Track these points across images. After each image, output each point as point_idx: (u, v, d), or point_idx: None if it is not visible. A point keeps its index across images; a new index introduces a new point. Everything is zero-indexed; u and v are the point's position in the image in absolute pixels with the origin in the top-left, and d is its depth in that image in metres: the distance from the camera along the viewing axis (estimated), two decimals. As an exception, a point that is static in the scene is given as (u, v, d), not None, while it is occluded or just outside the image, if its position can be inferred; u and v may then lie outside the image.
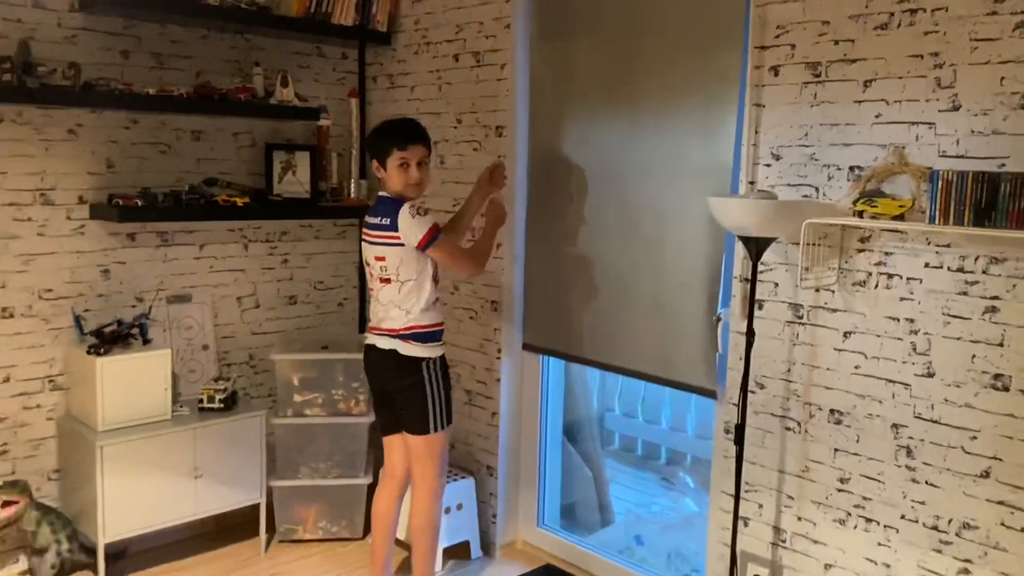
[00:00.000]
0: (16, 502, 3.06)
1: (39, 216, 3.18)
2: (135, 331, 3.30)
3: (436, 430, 2.93)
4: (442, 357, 2.96)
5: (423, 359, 2.89)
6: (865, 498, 2.51)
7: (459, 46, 3.53)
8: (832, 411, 2.56)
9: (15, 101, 3.00)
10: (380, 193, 2.95)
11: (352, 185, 3.89)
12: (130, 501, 3.14)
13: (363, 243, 2.96)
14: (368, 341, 2.98)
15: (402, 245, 2.81)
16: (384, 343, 2.91)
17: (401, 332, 2.87)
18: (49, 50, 3.11)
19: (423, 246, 2.79)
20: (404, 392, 2.92)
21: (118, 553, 3.39)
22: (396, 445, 3.06)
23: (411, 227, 2.78)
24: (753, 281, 2.54)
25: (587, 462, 3.98)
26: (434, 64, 3.65)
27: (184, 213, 3.36)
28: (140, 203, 3.24)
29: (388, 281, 2.87)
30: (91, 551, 3.17)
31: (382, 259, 2.86)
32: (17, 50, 2.98)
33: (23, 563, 3.23)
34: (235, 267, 3.74)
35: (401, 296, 2.85)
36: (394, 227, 2.80)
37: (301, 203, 3.70)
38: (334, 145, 3.90)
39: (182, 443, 3.26)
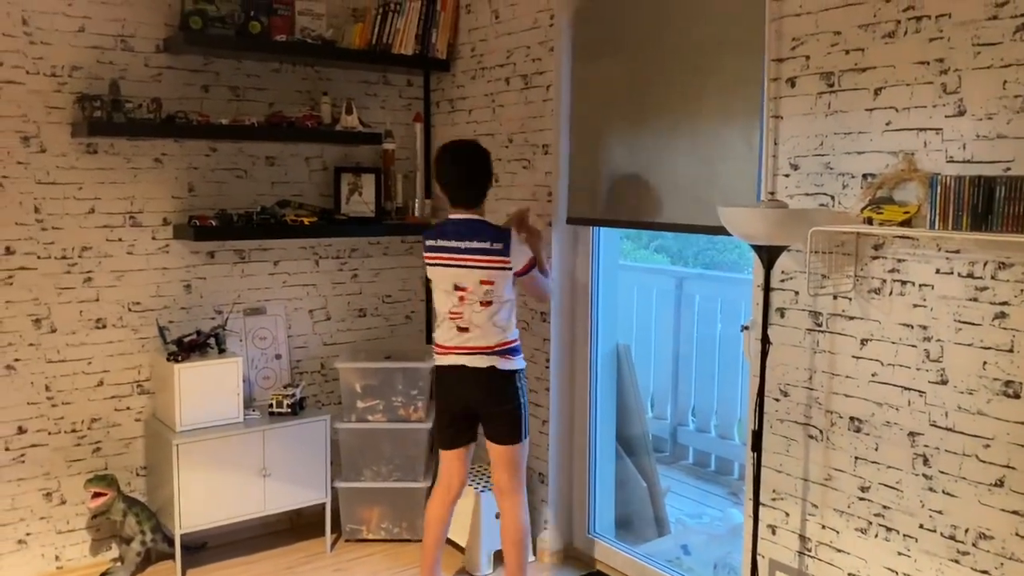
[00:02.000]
0: (105, 494, 3.39)
1: (128, 237, 3.54)
2: (212, 341, 3.60)
3: (526, 436, 3.10)
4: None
5: (517, 371, 3.05)
6: (885, 507, 2.49)
7: (509, 70, 3.71)
8: (852, 419, 2.56)
9: (107, 134, 3.37)
10: (470, 216, 3.06)
11: (416, 204, 4.12)
12: (204, 496, 3.43)
13: (456, 268, 3.00)
14: (449, 362, 3.05)
15: (509, 269, 2.99)
16: (479, 361, 3.01)
17: (497, 349, 3.01)
18: (137, 88, 3.47)
19: (523, 272, 3.01)
20: (501, 405, 3.04)
21: (199, 545, 3.69)
22: (460, 459, 3.19)
23: (518, 253, 2.99)
24: (767, 289, 2.57)
25: (642, 473, 4.03)
26: (488, 88, 3.83)
27: (255, 232, 3.66)
28: (215, 223, 3.55)
29: (489, 304, 2.99)
30: (172, 542, 3.47)
31: (490, 283, 2.98)
32: (108, 89, 3.34)
33: (115, 550, 3.58)
34: (307, 282, 4.01)
35: (501, 316, 3.01)
36: (507, 252, 2.97)
37: (365, 221, 3.95)
38: (400, 167, 4.14)
39: (252, 444, 3.53)
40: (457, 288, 3.01)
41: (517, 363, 3.06)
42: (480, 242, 2.98)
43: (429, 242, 3.08)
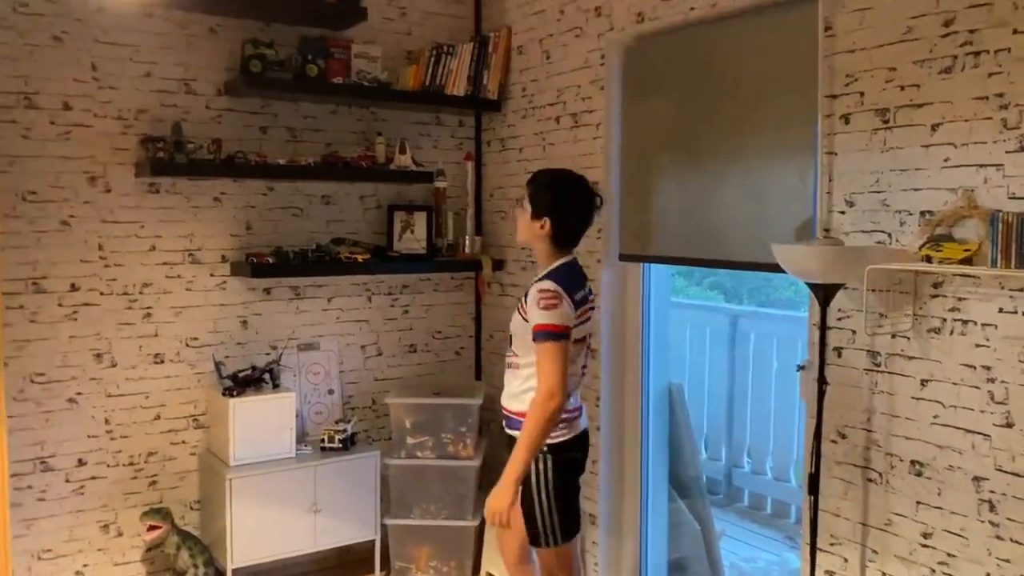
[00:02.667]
0: (160, 527, 3.44)
1: (187, 273, 3.63)
2: (266, 376, 3.66)
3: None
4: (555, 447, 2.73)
5: None
6: (949, 555, 2.40)
7: (560, 109, 3.73)
8: (913, 462, 2.48)
9: (169, 174, 3.47)
10: (568, 260, 2.74)
11: (467, 241, 4.15)
12: (255, 531, 3.45)
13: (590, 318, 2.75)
14: (583, 427, 2.81)
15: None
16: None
17: None
18: (198, 129, 3.58)
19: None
20: None
21: (250, 580, 3.72)
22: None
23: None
24: (823, 327, 2.52)
25: (695, 515, 3.95)
26: (538, 127, 3.87)
27: (310, 269, 3.72)
28: (271, 260, 3.62)
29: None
30: None
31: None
32: (171, 131, 3.45)
33: (168, 583, 3.62)
34: (360, 318, 4.06)
35: None
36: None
37: (417, 258, 3.99)
38: (452, 205, 4.18)
39: (303, 479, 3.55)
40: (587, 339, 2.77)
41: None
42: (587, 279, 2.77)
43: (576, 295, 2.62)
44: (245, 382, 3.57)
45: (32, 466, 3.34)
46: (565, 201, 2.69)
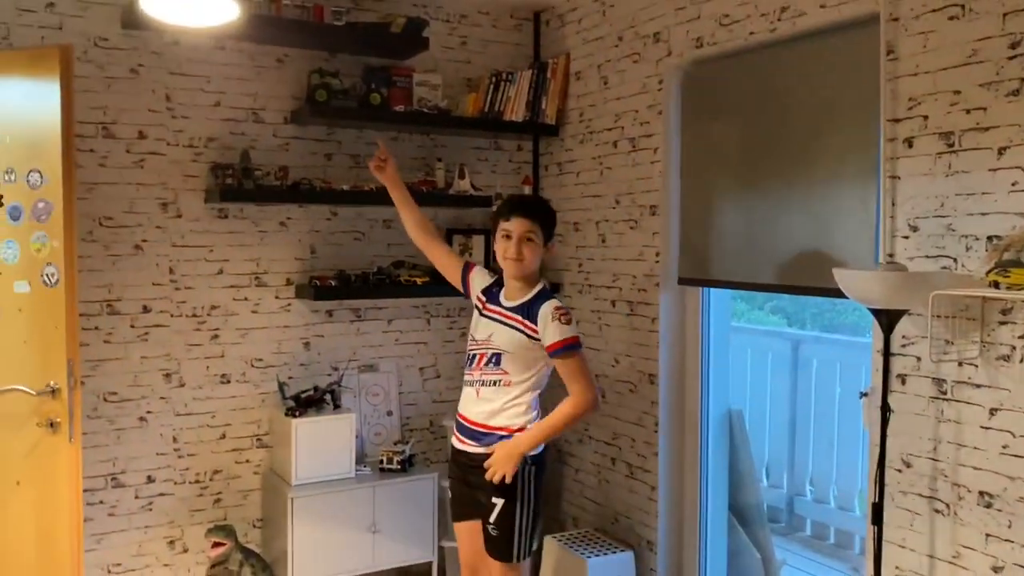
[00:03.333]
0: (224, 544, 3.52)
1: (253, 296, 3.73)
2: (328, 397, 3.72)
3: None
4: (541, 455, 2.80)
5: None
6: (1021, 590, 2.32)
7: (617, 133, 3.75)
8: (981, 493, 2.41)
9: (237, 200, 3.58)
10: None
11: (525, 265, 4.18)
12: (316, 550, 3.50)
13: None
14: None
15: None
16: None
17: None
18: (265, 156, 3.69)
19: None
20: None
21: (309, 598, 3.76)
22: None
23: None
24: (886, 353, 2.48)
25: (756, 544, 3.89)
26: (596, 151, 3.89)
27: (371, 291, 3.79)
28: (334, 283, 3.70)
29: None
30: (284, 593, 3.56)
31: None
32: (239, 158, 3.57)
33: (231, 600, 3.69)
34: (419, 340, 4.11)
35: None
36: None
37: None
38: (509, 229, 4.21)
39: (362, 499, 3.60)
40: None
41: None
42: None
43: None
44: (307, 403, 3.64)
45: (104, 482, 3.46)
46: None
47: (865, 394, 2.75)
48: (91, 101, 3.36)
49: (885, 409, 2.49)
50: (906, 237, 2.60)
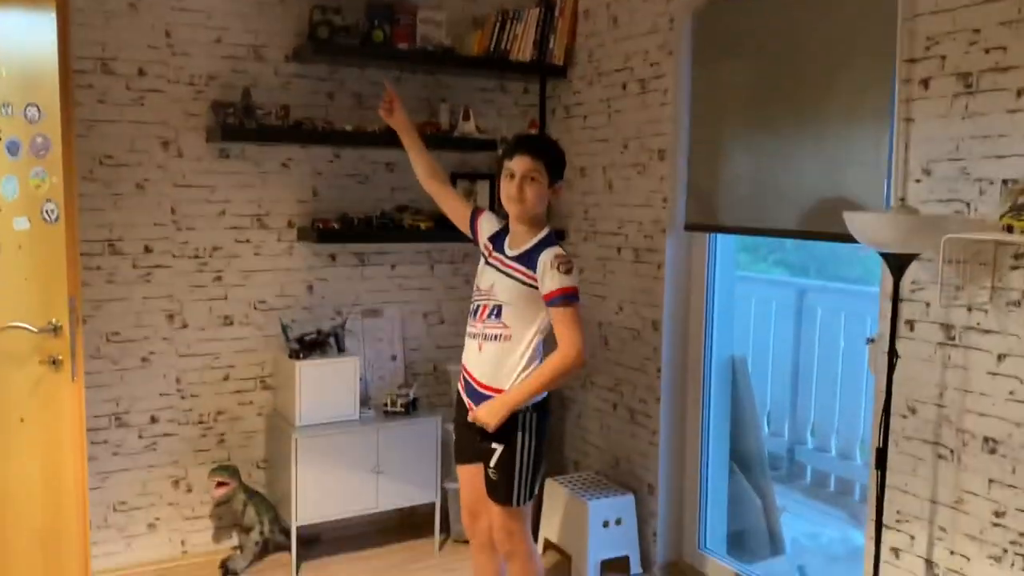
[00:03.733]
0: (228, 484, 3.54)
1: (256, 238, 3.69)
2: (331, 340, 3.71)
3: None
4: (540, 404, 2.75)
5: None
6: (1022, 534, 2.32)
7: (627, 75, 3.68)
8: (986, 439, 2.41)
9: (238, 140, 3.52)
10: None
11: (530, 210, 4.13)
12: (319, 491, 3.53)
13: None
14: None
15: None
16: None
17: None
18: (267, 95, 3.62)
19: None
20: None
21: (312, 538, 3.81)
22: None
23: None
24: (895, 299, 2.45)
25: (756, 490, 3.91)
26: (604, 93, 3.82)
27: (374, 235, 3.75)
28: (336, 226, 3.67)
29: None
30: (289, 534, 3.58)
31: None
32: (241, 97, 3.50)
33: (235, 539, 3.73)
34: (422, 285, 4.09)
35: None
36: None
37: (480, 227, 3.99)
38: (514, 173, 4.16)
39: (366, 441, 3.61)
40: None
41: None
42: None
43: None
44: (311, 346, 3.63)
45: (107, 421, 3.47)
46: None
47: (872, 340, 2.74)
48: (89, 36, 3.29)
49: (892, 355, 2.47)
50: (919, 181, 2.55)
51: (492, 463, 2.70)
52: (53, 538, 2.77)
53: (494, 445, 2.68)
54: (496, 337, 2.70)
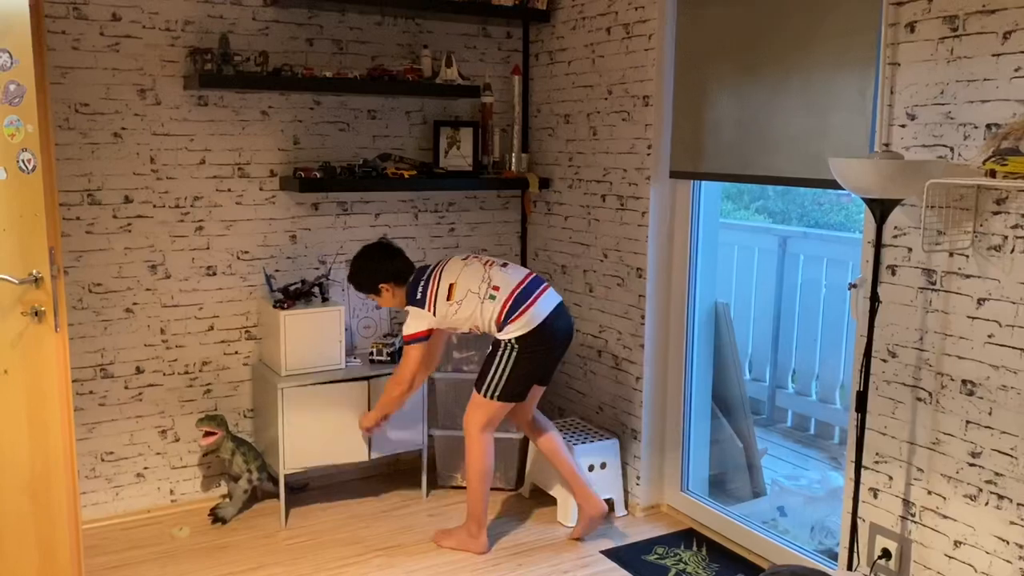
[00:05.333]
0: (215, 433, 3.56)
1: (237, 187, 3.66)
2: (315, 289, 3.71)
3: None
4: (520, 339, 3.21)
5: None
6: (997, 474, 2.38)
7: (611, 19, 3.63)
8: (964, 382, 2.45)
9: (216, 87, 3.46)
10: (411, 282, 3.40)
11: (514, 158, 4.12)
12: (306, 439, 3.55)
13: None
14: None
15: None
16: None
17: None
18: (245, 41, 3.56)
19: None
20: None
21: (301, 486, 3.85)
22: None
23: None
24: (878, 244, 2.47)
25: (738, 434, 3.97)
26: (589, 38, 3.77)
27: (357, 184, 3.71)
28: (319, 175, 3.63)
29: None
30: (277, 481, 3.62)
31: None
32: (218, 43, 3.43)
33: (223, 488, 3.76)
34: (406, 235, 4.07)
35: None
36: None
37: (463, 175, 3.97)
38: (497, 121, 4.13)
39: (352, 390, 3.63)
40: (465, 259, 3.39)
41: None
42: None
43: (428, 292, 3.31)
44: (295, 295, 3.63)
45: (92, 372, 3.46)
46: (371, 270, 3.42)
47: (854, 285, 2.76)
48: (60, -21, 3.21)
49: (874, 299, 2.50)
50: (903, 126, 2.55)
51: (486, 356, 3.31)
52: (42, 489, 2.78)
53: (489, 347, 3.30)
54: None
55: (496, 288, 3.22)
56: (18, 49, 2.54)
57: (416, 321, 3.28)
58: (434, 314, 3.26)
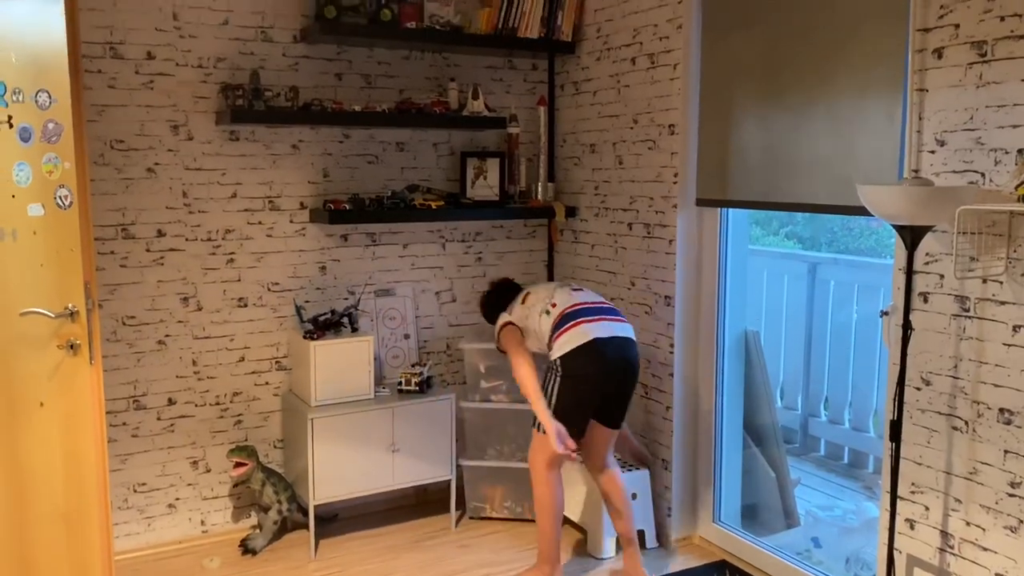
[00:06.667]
0: (245, 464, 3.58)
1: (268, 220, 3.71)
2: (345, 320, 3.73)
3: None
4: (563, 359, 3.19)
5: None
6: (1038, 505, 2.33)
7: (636, 49, 3.66)
8: (1001, 410, 2.40)
9: (248, 121, 3.53)
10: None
11: (539, 188, 4.14)
12: (336, 469, 3.56)
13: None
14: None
15: None
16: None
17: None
18: (276, 77, 3.62)
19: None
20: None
21: (331, 516, 3.85)
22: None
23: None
24: (909, 271, 2.44)
25: (770, 463, 3.92)
26: (614, 68, 3.80)
27: (385, 215, 3.76)
28: (348, 207, 3.67)
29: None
30: (307, 512, 3.62)
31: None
32: (249, 79, 3.50)
33: (254, 518, 3.77)
34: (434, 264, 4.10)
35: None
36: None
37: (490, 205, 4.00)
38: (524, 151, 4.16)
39: (381, 420, 3.64)
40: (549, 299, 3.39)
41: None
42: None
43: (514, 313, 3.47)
44: (325, 326, 3.65)
45: (126, 404, 3.50)
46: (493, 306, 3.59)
47: (886, 312, 2.73)
48: (97, 20, 3.29)
49: (906, 327, 2.47)
50: (932, 152, 2.53)
51: None
52: (75, 520, 2.81)
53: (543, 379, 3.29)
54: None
55: (553, 304, 3.28)
56: (56, 89, 2.60)
57: (500, 319, 3.47)
58: (510, 314, 3.43)
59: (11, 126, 2.61)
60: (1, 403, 2.73)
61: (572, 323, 3.17)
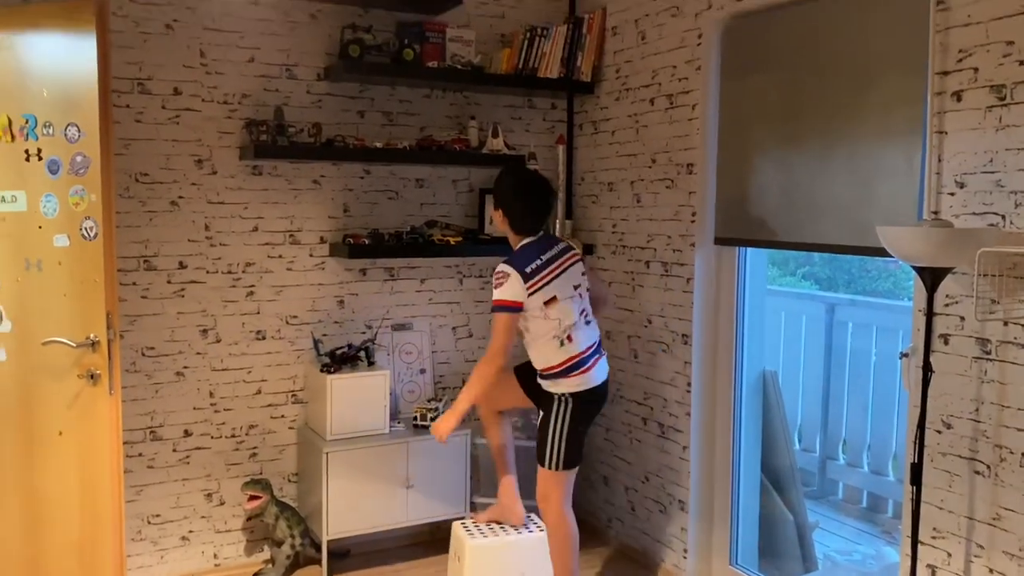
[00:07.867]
0: (260, 497, 3.57)
1: (288, 254, 3.74)
2: (362, 354, 3.74)
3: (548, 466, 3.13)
4: (574, 395, 3.10)
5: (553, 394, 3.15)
6: (1063, 552, 2.29)
7: (654, 90, 3.69)
8: (1024, 455, 2.37)
9: (271, 157, 3.58)
10: (536, 237, 3.23)
11: (558, 225, 4.15)
12: (350, 504, 3.55)
13: (564, 272, 3.13)
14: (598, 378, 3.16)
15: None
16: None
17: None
18: (299, 114, 3.68)
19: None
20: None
21: (343, 552, 3.83)
22: None
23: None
24: (929, 313, 2.43)
25: (788, 506, 3.87)
26: (632, 108, 3.83)
27: (404, 250, 3.78)
28: (367, 242, 3.70)
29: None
30: (320, 547, 3.60)
31: (584, 274, 3.23)
32: (273, 115, 3.56)
33: (267, 552, 3.75)
34: (451, 300, 4.11)
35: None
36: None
37: (507, 241, 4.00)
38: (543, 188, 4.18)
39: (396, 455, 3.63)
40: (576, 287, 3.16)
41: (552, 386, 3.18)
42: (558, 245, 3.22)
43: (529, 268, 3.06)
44: (342, 360, 3.66)
45: (143, 435, 3.52)
46: (511, 194, 3.21)
47: (906, 354, 2.71)
48: (126, 56, 3.36)
49: (927, 369, 2.45)
50: (952, 194, 2.54)
51: (538, 423, 3.17)
52: (89, 550, 2.81)
53: (541, 410, 3.19)
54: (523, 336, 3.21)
55: (569, 338, 3.07)
56: (85, 123, 2.66)
57: (512, 290, 3.02)
58: (528, 297, 3.03)
59: (40, 159, 2.67)
60: (20, 431, 2.75)
61: (583, 369, 3.10)
